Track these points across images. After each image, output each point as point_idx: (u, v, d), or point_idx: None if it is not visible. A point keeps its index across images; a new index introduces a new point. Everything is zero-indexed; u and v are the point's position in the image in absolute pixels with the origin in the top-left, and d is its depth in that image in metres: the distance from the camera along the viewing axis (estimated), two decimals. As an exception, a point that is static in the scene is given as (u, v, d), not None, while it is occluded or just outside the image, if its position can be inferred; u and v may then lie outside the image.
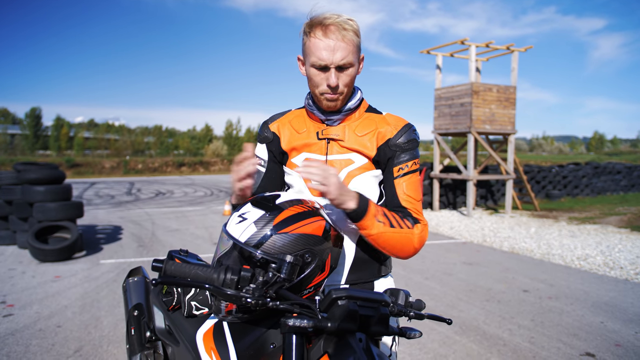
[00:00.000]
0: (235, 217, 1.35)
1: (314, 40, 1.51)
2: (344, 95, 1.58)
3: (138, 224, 10.83)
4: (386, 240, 1.51)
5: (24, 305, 4.90)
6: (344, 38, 1.49)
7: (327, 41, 1.49)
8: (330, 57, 1.49)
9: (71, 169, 34.36)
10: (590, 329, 4.44)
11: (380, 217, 1.49)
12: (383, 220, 1.49)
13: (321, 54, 1.49)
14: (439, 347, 3.96)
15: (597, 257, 7.68)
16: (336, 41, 1.48)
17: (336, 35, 1.49)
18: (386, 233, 1.50)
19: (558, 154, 58.67)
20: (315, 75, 1.54)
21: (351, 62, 1.52)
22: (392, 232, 1.50)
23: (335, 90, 1.54)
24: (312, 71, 1.54)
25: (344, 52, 1.49)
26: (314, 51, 1.51)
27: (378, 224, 1.48)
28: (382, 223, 1.49)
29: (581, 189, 18.35)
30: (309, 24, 1.53)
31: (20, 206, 7.72)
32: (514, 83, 13.64)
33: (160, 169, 38.61)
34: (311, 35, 1.52)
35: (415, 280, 6.12)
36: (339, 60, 1.49)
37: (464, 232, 10.27)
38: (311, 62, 1.53)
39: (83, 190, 20.98)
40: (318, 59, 1.50)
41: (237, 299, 1.16)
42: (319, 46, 1.49)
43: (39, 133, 58.83)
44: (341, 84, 1.54)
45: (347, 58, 1.50)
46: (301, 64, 1.63)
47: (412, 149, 1.62)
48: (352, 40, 1.51)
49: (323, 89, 1.55)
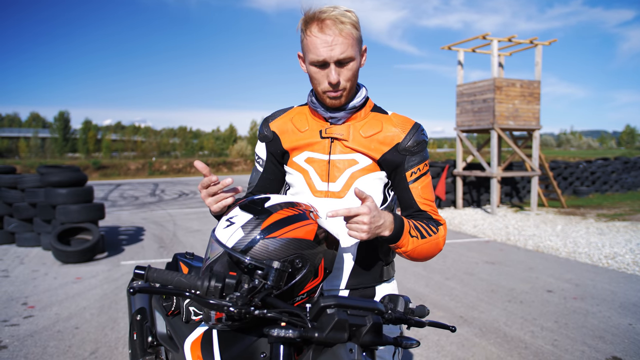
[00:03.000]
0: (223, 222, 1.30)
1: (310, 37, 1.44)
2: (347, 91, 1.50)
3: (160, 225, 10.94)
4: (419, 252, 1.48)
5: (44, 307, 4.97)
6: (342, 32, 1.41)
7: (324, 37, 1.41)
8: (328, 53, 1.42)
9: (98, 171, 35.10)
10: (617, 331, 4.26)
11: (413, 231, 1.45)
12: (415, 234, 1.46)
13: (319, 51, 1.42)
14: (457, 350, 3.85)
15: (626, 255, 7.41)
16: (333, 36, 1.41)
17: (333, 30, 1.41)
18: (419, 246, 1.47)
19: (587, 149, 57.23)
20: (315, 72, 1.48)
21: (351, 56, 1.45)
22: (423, 242, 1.47)
23: (337, 87, 1.47)
24: (312, 69, 1.48)
25: (342, 46, 1.42)
26: (312, 48, 1.44)
27: (412, 239, 1.45)
28: (415, 237, 1.45)
29: (610, 185, 17.82)
30: (305, 19, 1.46)
31: (44, 208, 7.87)
32: (538, 77, 13.32)
33: (184, 170, 39.12)
34: (307, 32, 1.45)
35: (435, 280, 6.00)
36: (337, 55, 1.42)
37: (488, 231, 10.06)
38: (310, 59, 1.46)
39: (108, 192, 21.36)
40: (316, 55, 1.43)
41: (219, 308, 1.11)
42: (315, 43, 1.43)
43: (68, 136, 60.35)
44: (342, 80, 1.47)
45: (346, 52, 1.43)
46: (302, 62, 1.57)
47: (422, 150, 1.56)
48: (350, 34, 1.43)
49: (325, 87, 1.48)
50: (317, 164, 1.57)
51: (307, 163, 1.59)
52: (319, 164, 1.56)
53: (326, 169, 1.56)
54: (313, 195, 1.57)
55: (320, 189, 1.56)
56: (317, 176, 1.57)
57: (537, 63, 13.39)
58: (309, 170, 1.58)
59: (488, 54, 13.79)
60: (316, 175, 1.57)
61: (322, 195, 1.56)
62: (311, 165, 1.58)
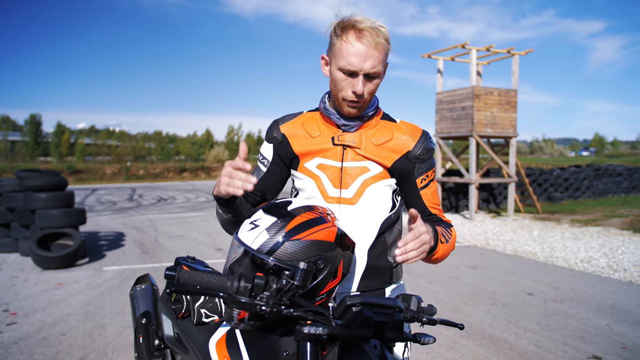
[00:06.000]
0: (247, 224, 1.34)
1: (345, 44, 1.45)
2: (366, 103, 1.55)
3: (140, 230, 10.82)
4: (444, 255, 1.55)
5: (27, 314, 4.88)
6: (377, 46, 1.44)
7: (360, 46, 1.43)
8: (360, 64, 1.44)
9: (72, 176, 34.35)
10: (596, 332, 4.42)
11: (442, 238, 1.51)
12: (443, 240, 1.52)
13: (351, 59, 1.44)
14: (445, 352, 3.94)
15: (600, 259, 7.66)
16: (369, 48, 1.43)
17: (369, 41, 1.43)
18: (446, 250, 1.53)
19: (559, 157, 58.65)
20: (341, 79, 1.49)
21: (380, 71, 1.49)
22: (448, 246, 1.54)
23: (360, 98, 1.50)
24: (338, 75, 1.49)
25: (375, 60, 1.45)
26: (345, 55, 1.45)
27: (442, 246, 1.51)
28: (444, 243, 1.51)
29: (583, 191, 18.33)
30: (342, 25, 1.47)
31: (22, 213, 7.70)
32: (514, 86, 13.65)
33: (161, 175, 38.62)
34: (343, 38, 1.46)
35: (420, 284, 6.10)
36: (369, 68, 1.45)
37: (467, 236, 10.25)
38: (339, 65, 1.47)
39: (85, 197, 20.97)
40: (348, 64, 1.45)
41: (252, 307, 1.15)
42: (350, 51, 1.44)
43: (40, 139, 58.89)
44: (366, 92, 1.50)
45: (377, 67, 1.46)
46: (325, 63, 1.58)
47: (430, 158, 1.63)
48: (384, 49, 1.46)
49: (347, 95, 1.50)
50: (330, 170, 1.60)
51: (318, 169, 1.61)
52: (332, 171, 1.60)
53: (338, 175, 1.59)
54: (325, 202, 1.60)
55: (332, 195, 1.60)
56: (329, 182, 1.60)
57: (514, 72, 13.73)
58: (321, 177, 1.61)
59: (467, 62, 14.08)
60: (328, 182, 1.60)
61: (334, 201, 1.59)
62: (323, 171, 1.61)
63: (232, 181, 1.40)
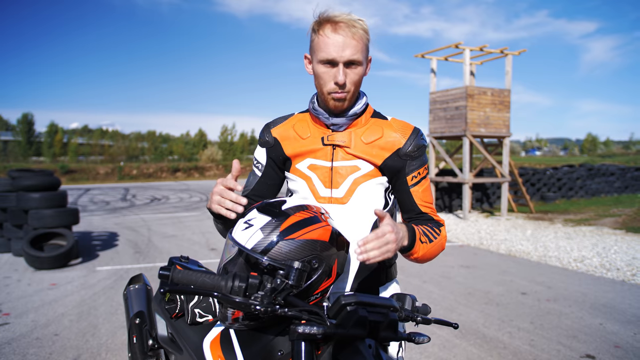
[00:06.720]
0: (241, 224, 1.33)
1: (323, 37, 1.48)
2: (351, 94, 1.54)
3: (134, 230, 10.77)
4: (428, 255, 1.54)
5: (20, 314, 4.85)
6: (354, 35, 1.47)
7: (337, 37, 1.46)
8: (339, 53, 1.47)
9: (65, 175, 34.18)
10: (590, 331, 4.44)
11: (422, 237, 1.50)
12: (425, 240, 1.51)
13: (329, 49, 1.47)
14: (439, 351, 3.95)
15: (593, 258, 7.71)
16: (345, 38, 1.46)
17: (346, 32, 1.46)
18: (428, 250, 1.52)
19: (552, 157, 58.96)
20: (322, 72, 1.51)
21: (360, 59, 1.50)
22: (431, 246, 1.53)
23: (342, 88, 1.51)
24: (319, 68, 1.52)
25: (353, 49, 1.47)
26: (323, 47, 1.48)
27: (423, 246, 1.50)
28: (425, 243, 1.50)
29: (575, 191, 18.43)
30: (318, 21, 1.51)
31: (15, 213, 7.66)
32: (508, 86, 13.72)
33: (155, 175, 38.50)
34: (320, 33, 1.49)
35: (413, 283, 6.11)
36: (348, 56, 1.47)
37: (461, 235, 10.28)
38: (319, 58, 1.50)
39: (77, 197, 20.86)
40: (326, 54, 1.48)
41: (246, 307, 1.15)
42: (327, 42, 1.47)
43: (32, 139, 58.54)
44: (348, 82, 1.51)
45: (356, 55, 1.48)
46: (308, 62, 1.60)
47: (422, 155, 1.62)
48: (361, 38, 1.48)
49: (330, 87, 1.52)
50: (320, 170, 1.60)
51: (309, 170, 1.62)
52: (322, 171, 1.60)
53: (329, 175, 1.60)
54: (316, 202, 1.60)
55: (323, 195, 1.60)
56: (320, 183, 1.61)
57: (508, 72, 13.79)
58: (312, 177, 1.62)
59: (460, 62, 14.13)
60: (319, 182, 1.61)
61: (326, 201, 1.60)
62: (314, 172, 1.61)
63: (222, 201, 1.44)
